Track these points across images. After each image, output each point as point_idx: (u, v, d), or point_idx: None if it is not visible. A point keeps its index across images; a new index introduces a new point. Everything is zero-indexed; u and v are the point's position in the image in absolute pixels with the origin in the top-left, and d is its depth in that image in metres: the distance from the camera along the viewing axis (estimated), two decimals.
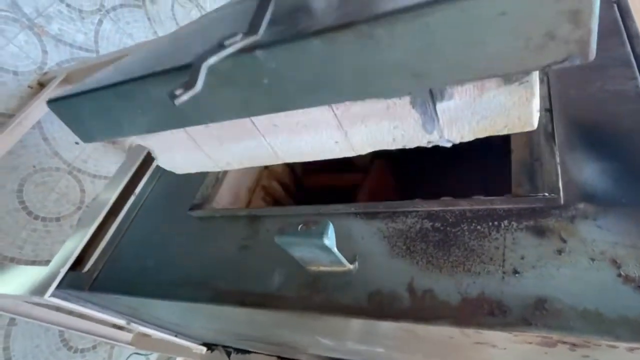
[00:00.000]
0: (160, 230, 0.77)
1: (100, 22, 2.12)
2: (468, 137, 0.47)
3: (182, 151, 0.59)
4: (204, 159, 0.58)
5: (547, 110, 0.64)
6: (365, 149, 0.51)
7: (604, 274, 0.45)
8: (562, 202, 0.52)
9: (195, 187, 0.82)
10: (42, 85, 1.82)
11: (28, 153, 1.77)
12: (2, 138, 1.61)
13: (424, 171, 1.40)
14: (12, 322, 1.56)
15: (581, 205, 0.51)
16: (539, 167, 0.73)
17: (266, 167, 0.98)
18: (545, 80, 0.69)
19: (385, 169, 0.98)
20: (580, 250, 0.47)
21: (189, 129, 0.54)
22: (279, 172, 0.98)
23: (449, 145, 0.48)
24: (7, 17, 1.72)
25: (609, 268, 0.45)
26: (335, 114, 0.47)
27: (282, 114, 0.47)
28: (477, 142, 0.48)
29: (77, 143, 1.96)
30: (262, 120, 0.50)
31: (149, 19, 2.23)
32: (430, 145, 0.48)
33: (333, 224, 0.63)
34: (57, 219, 1.82)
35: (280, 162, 0.56)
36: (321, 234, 0.50)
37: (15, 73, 1.73)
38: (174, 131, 0.55)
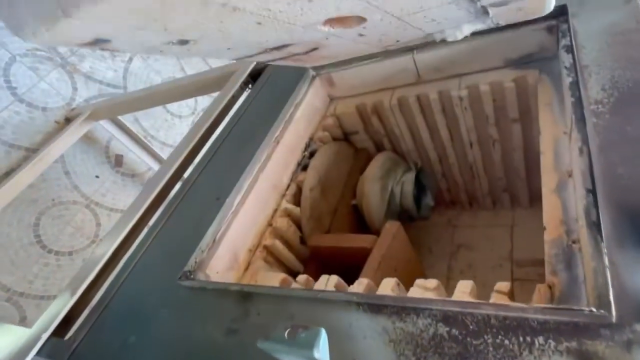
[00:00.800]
0: (147, 300, 0.71)
1: (131, 59, 2.20)
2: None
3: None
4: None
5: (589, 191, 0.54)
6: None
7: None
8: (613, 319, 0.41)
9: (191, 248, 0.76)
10: (68, 120, 1.88)
11: (48, 186, 1.80)
12: (25, 172, 1.64)
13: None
14: None
15: (639, 327, 0.40)
16: (577, 251, 0.62)
17: (270, 224, 0.92)
18: (586, 151, 0.60)
19: (399, 232, 0.89)
20: None
21: None
22: (283, 230, 0.91)
23: None
24: (42, 56, 1.80)
25: None
26: None
27: None
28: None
29: (97, 177, 1.99)
30: None
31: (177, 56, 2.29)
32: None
33: (330, 316, 0.55)
34: (70, 253, 1.81)
35: None
36: (311, 345, 0.42)
37: (44, 109, 1.79)
38: None
